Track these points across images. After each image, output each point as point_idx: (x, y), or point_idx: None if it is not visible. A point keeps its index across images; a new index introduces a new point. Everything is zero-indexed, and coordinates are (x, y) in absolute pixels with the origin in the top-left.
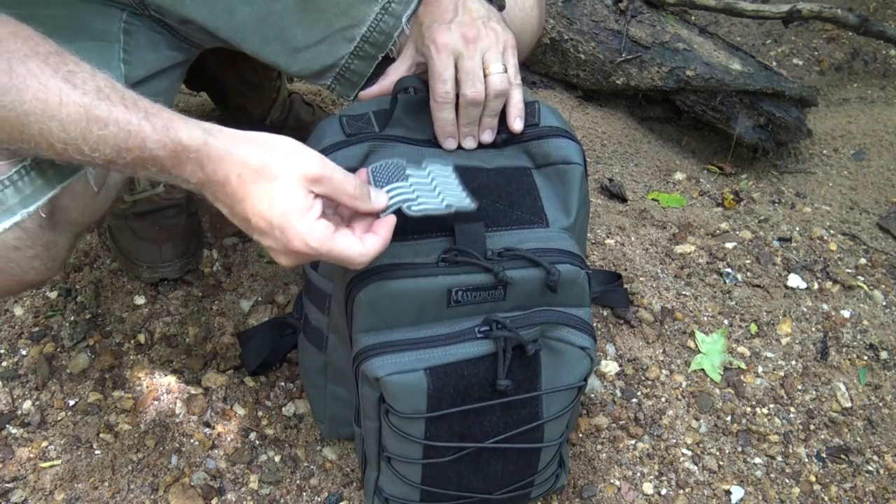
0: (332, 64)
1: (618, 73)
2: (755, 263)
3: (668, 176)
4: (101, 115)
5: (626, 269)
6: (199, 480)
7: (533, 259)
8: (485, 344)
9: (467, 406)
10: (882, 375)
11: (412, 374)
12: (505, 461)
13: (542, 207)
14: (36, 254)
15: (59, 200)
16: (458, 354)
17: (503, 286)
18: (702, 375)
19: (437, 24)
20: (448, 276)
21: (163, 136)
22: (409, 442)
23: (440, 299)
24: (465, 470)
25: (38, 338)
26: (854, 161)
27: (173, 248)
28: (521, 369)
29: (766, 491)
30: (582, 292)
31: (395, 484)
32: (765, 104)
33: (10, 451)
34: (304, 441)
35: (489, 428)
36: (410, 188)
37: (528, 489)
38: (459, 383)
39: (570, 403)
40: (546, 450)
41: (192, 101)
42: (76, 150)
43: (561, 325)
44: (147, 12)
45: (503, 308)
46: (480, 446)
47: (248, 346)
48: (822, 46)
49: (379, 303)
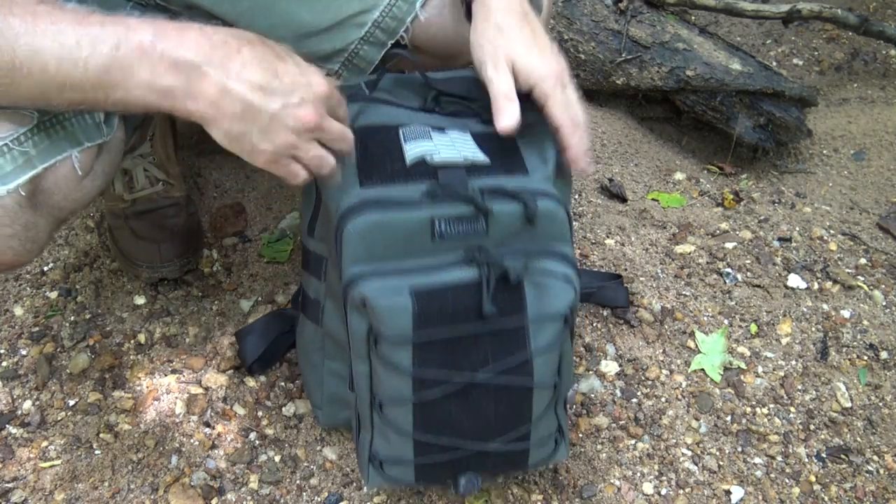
0: (340, 49)
1: (618, 73)
2: (755, 263)
3: (668, 176)
4: (93, 20)
5: (626, 269)
6: (199, 480)
7: (511, 192)
8: (468, 271)
9: (454, 329)
10: (882, 375)
11: (398, 296)
12: (496, 400)
13: (522, 160)
14: (14, 233)
15: (41, 181)
16: (443, 279)
17: (484, 215)
18: (702, 375)
19: (536, 52)
20: (431, 207)
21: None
22: (398, 375)
23: (424, 230)
24: (456, 410)
25: (38, 338)
26: (854, 161)
27: (173, 247)
28: (506, 298)
29: (766, 491)
30: (562, 229)
31: (389, 441)
32: (765, 104)
33: (10, 451)
34: (304, 441)
35: (477, 361)
36: (433, 144)
37: (524, 443)
38: (445, 308)
39: (558, 337)
40: (539, 394)
41: None
42: (72, 64)
43: (543, 257)
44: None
45: (486, 244)
46: (470, 381)
47: (246, 342)
48: (822, 46)
49: (366, 233)
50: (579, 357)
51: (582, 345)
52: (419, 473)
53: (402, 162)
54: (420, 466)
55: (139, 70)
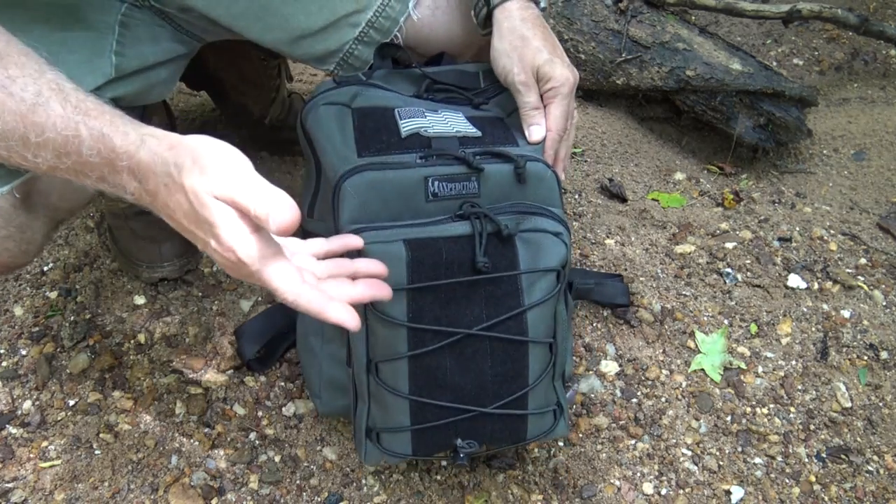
0: (336, 49)
1: (618, 73)
2: (755, 263)
3: (668, 176)
4: (38, 122)
5: (626, 269)
6: (199, 480)
7: (501, 154)
8: (461, 226)
9: (447, 280)
10: (882, 375)
11: (392, 244)
12: (492, 355)
13: (512, 135)
14: (9, 234)
15: (35, 183)
16: (437, 232)
17: (476, 174)
18: (702, 375)
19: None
20: (425, 167)
21: (97, 142)
22: (394, 328)
23: (418, 188)
24: (451, 367)
25: (38, 338)
26: (854, 161)
27: (172, 247)
28: (498, 252)
29: (766, 491)
30: (551, 189)
31: (385, 407)
32: (765, 104)
33: (10, 451)
34: (304, 441)
35: (471, 314)
36: (427, 121)
37: (522, 410)
38: (438, 259)
39: (551, 291)
40: (534, 351)
41: (192, 101)
42: (20, 157)
43: (533, 215)
44: (148, 3)
45: (479, 203)
46: (464, 333)
47: (244, 338)
48: (822, 46)
49: (363, 191)
50: (579, 357)
51: (582, 345)
52: (416, 443)
53: (397, 136)
54: (417, 434)
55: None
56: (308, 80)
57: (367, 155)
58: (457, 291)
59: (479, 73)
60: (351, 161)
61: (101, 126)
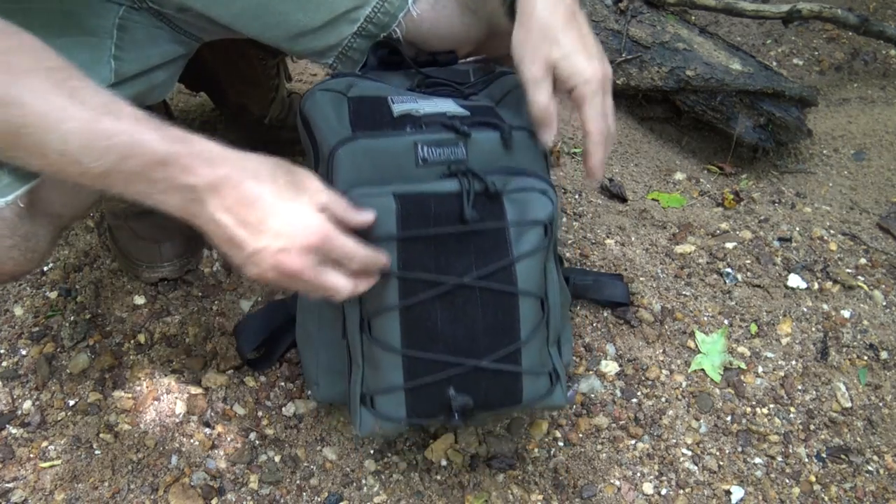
0: (334, 44)
1: (618, 73)
2: (755, 263)
3: (668, 176)
4: (106, 128)
5: (626, 269)
6: (199, 480)
7: (489, 122)
8: (450, 183)
9: (437, 230)
10: (882, 375)
11: (382, 197)
12: (483, 308)
13: (501, 117)
14: (14, 244)
15: (39, 191)
16: (426, 189)
17: (463, 139)
18: (702, 375)
19: (583, 55)
20: (414, 134)
21: (172, 142)
22: (385, 278)
23: (408, 154)
24: (443, 318)
25: (38, 338)
26: (854, 161)
27: (173, 247)
28: (487, 208)
29: (766, 491)
30: (537, 155)
31: (379, 367)
32: (765, 104)
33: (10, 451)
34: (304, 441)
35: (461, 266)
36: (419, 105)
37: (516, 366)
38: (428, 212)
39: (539, 244)
40: (524, 304)
41: (191, 102)
42: (72, 162)
43: (520, 175)
44: (145, 4)
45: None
46: (455, 283)
47: (242, 334)
48: (822, 46)
49: (356, 156)
50: (579, 357)
51: (582, 345)
52: (410, 404)
53: (390, 116)
54: (410, 393)
55: (140, 184)
56: (307, 80)
57: (361, 130)
58: (447, 244)
59: (470, 71)
60: (345, 135)
61: (173, 131)
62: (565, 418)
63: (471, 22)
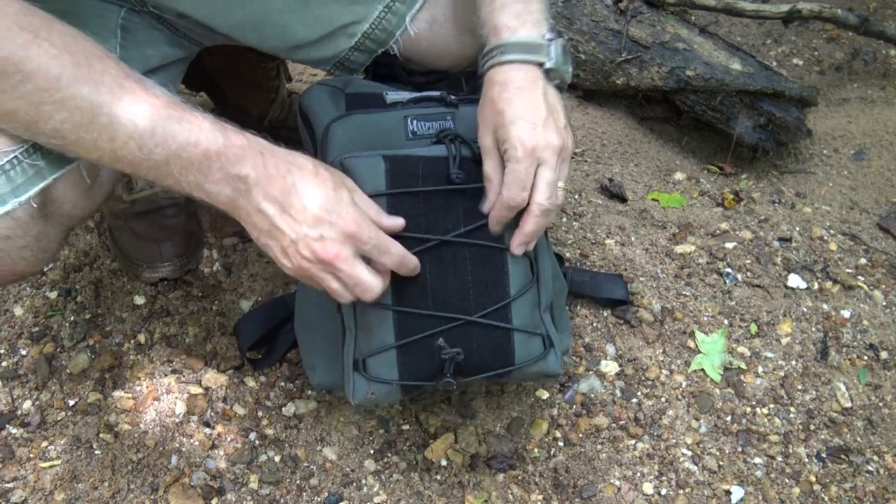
0: (332, 56)
1: (618, 73)
2: (755, 263)
3: (668, 176)
4: (172, 115)
5: (626, 269)
6: (199, 480)
7: (476, 98)
8: (438, 149)
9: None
10: (882, 375)
11: (372, 158)
12: (471, 263)
13: None
14: (26, 244)
15: (51, 192)
16: (414, 151)
17: (451, 111)
18: (702, 375)
19: (524, 122)
20: (404, 110)
21: (228, 135)
22: None
23: (399, 128)
24: (432, 273)
25: (38, 338)
26: (854, 161)
27: (173, 247)
28: (473, 171)
29: (766, 491)
30: None
31: (370, 329)
32: (765, 104)
33: (10, 451)
34: (304, 441)
35: (448, 223)
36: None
37: (506, 323)
38: (416, 171)
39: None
40: (513, 264)
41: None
42: (138, 147)
43: None
44: (146, 8)
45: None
46: (442, 238)
47: (242, 331)
48: (822, 46)
49: (349, 129)
50: (579, 357)
51: (582, 345)
52: (402, 365)
53: (383, 102)
54: (402, 352)
55: (195, 173)
56: (307, 81)
57: (355, 111)
58: (434, 202)
59: (462, 80)
60: (340, 114)
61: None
62: (565, 418)
63: (468, 42)
